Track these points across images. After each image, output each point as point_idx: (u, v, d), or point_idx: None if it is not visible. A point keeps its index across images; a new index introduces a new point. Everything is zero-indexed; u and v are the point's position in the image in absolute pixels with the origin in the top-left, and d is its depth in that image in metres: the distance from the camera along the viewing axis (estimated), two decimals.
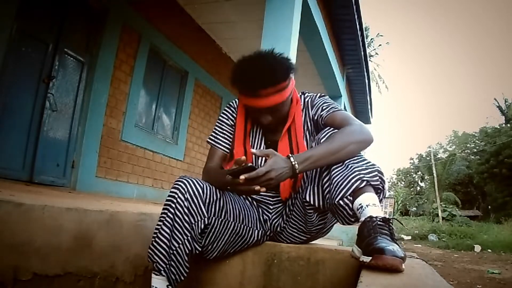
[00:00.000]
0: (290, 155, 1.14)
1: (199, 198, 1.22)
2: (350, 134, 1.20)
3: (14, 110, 3.35)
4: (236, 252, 1.42)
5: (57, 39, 3.68)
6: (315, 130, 1.39)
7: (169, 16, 5.06)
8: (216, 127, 1.48)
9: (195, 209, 1.21)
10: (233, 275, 1.45)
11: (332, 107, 1.34)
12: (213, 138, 1.46)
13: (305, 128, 1.40)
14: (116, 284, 1.38)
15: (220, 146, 1.45)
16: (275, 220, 1.43)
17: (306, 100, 1.42)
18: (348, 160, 1.17)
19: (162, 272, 1.18)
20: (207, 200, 1.24)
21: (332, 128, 1.26)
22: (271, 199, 1.43)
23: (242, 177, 1.08)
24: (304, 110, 1.41)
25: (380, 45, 22.14)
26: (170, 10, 5.02)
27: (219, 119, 1.48)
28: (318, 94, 1.43)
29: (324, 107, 1.35)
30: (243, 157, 1.11)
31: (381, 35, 24.54)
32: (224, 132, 1.45)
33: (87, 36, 4.08)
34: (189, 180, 1.23)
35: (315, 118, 1.37)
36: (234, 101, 1.49)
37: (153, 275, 1.20)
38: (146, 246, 1.23)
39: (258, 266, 1.44)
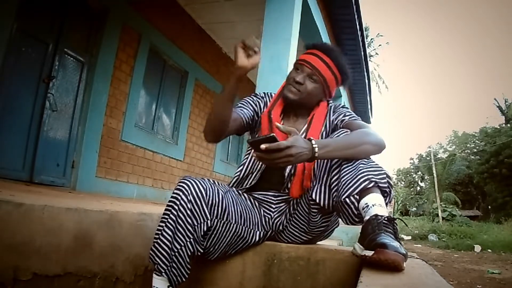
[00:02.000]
0: (312, 138, 1.15)
1: (202, 200, 1.22)
2: (367, 134, 1.25)
3: (14, 110, 3.35)
4: (237, 253, 1.42)
5: (57, 39, 3.68)
6: (331, 133, 1.42)
7: (169, 16, 5.06)
8: (243, 100, 1.51)
9: (198, 211, 1.21)
10: (233, 275, 1.45)
11: (354, 116, 1.41)
12: (234, 109, 1.47)
13: (322, 129, 1.43)
14: (116, 284, 1.38)
15: (239, 110, 1.46)
16: (277, 219, 1.43)
17: (330, 105, 1.48)
18: (358, 162, 1.18)
19: (163, 273, 1.18)
20: (210, 202, 1.24)
21: (346, 130, 1.29)
22: (273, 198, 1.43)
23: (263, 146, 1.06)
24: (326, 114, 1.45)
25: (380, 45, 22.13)
26: (170, 10, 5.02)
27: (244, 98, 1.52)
28: (342, 104, 1.50)
29: (347, 114, 1.41)
30: (278, 125, 1.15)
31: (381, 35, 24.52)
32: (246, 106, 1.48)
33: (87, 36, 4.08)
34: (192, 182, 1.23)
35: (335, 122, 1.42)
36: (261, 92, 1.56)
37: (154, 275, 1.20)
38: (146, 246, 1.23)
39: (258, 266, 1.44)
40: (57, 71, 3.69)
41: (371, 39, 20.94)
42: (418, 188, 38.72)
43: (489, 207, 28.52)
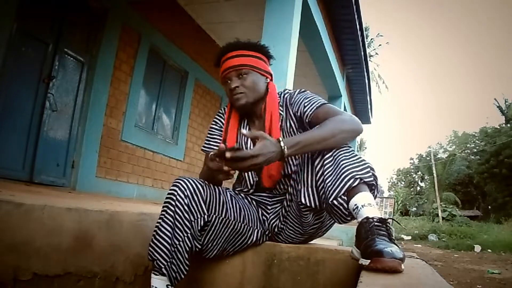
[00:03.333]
0: (280, 138, 1.13)
1: (199, 196, 1.23)
2: (340, 122, 1.21)
3: (14, 110, 3.35)
4: (236, 252, 1.42)
5: (57, 39, 3.68)
6: (299, 125, 1.38)
7: (169, 16, 5.06)
8: (208, 134, 1.50)
9: (195, 206, 1.22)
10: (233, 275, 1.45)
11: (315, 102, 1.31)
12: (206, 145, 1.48)
13: (289, 125, 1.39)
14: (116, 284, 1.38)
15: (212, 151, 1.44)
16: (273, 221, 1.43)
17: (285, 97, 1.42)
18: (340, 156, 1.16)
19: (163, 269, 1.17)
20: (207, 198, 1.25)
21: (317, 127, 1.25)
22: (269, 199, 1.43)
23: (227, 154, 1.06)
24: (284, 107, 1.40)
25: (380, 45, 22.13)
26: (170, 10, 5.02)
27: (210, 127, 1.51)
28: (298, 90, 1.42)
29: (306, 103, 1.33)
30: (222, 145, 1.10)
31: (381, 35, 24.53)
32: (215, 137, 1.47)
33: (87, 36, 4.08)
34: (188, 179, 1.25)
35: (298, 114, 1.35)
36: (223, 108, 1.52)
37: (152, 275, 1.20)
38: (146, 246, 1.23)
39: (258, 266, 1.44)
40: (57, 71, 3.69)
41: (371, 39, 20.93)
42: (418, 188, 38.68)
43: (489, 207, 28.51)
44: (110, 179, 4.38)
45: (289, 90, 1.45)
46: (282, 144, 1.11)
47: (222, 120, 1.48)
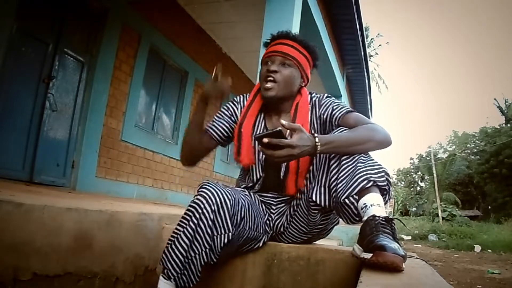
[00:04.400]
0: (316, 134, 1.16)
1: (225, 210, 1.19)
2: (373, 131, 1.23)
3: (14, 110, 3.35)
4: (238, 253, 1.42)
5: (57, 39, 3.67)
6: (321, 128, 1.39)
7: (169, 16, 5.06)
8: (215, 117, 1.50)
9: (220, 222, 1.18)
10: (234, 275, 1.45)
11: (344, 107, 1.36)
12: (209, 124, 1.49)
13: (310, 126, 1.40)
14: (116, 284, 1.38)
15: (210, 130, 1.46)
16: (278, 220, 1.43)
17: (314, 99, 1.44)
18: (357, 161, 1.17)
19: (172, 280, 1.15)
20: (232, 212, 1.21)
21: (345, 128, 1.27)
22: (274, 199, 1.43)
23: (265, 140, 1.09)
24: (311, 109, 1.42)
25: (380, 45, 22.15)
26: (170, 10, 5.02)
27: (221, 110, 1.51)
28: (325, 95, 1.45)
29: (335, 107, 1.37)
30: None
31: (381, 35, 24.56)
32: (220, 120, 1.47)
33: (87, 36, 4.08)
34: (217, 190, 1.20)
35: (324, 117, 1.38)
36: (239, 96, 1.52)
37: (161, 278, 1.18)
38: (146, 246, 1.23)
39: (258, 266, 1.44)
40: (57, 71, 3.69)
41: (371, 39, 20.94)
42: (418, 188, 38.68)
43: (489, 207, 28.52)
44: (110, 179, 4.37)
45: (316, 93, 1.47)
46: (317, 140, 1.14)
47: (234, 109, 1.49)
